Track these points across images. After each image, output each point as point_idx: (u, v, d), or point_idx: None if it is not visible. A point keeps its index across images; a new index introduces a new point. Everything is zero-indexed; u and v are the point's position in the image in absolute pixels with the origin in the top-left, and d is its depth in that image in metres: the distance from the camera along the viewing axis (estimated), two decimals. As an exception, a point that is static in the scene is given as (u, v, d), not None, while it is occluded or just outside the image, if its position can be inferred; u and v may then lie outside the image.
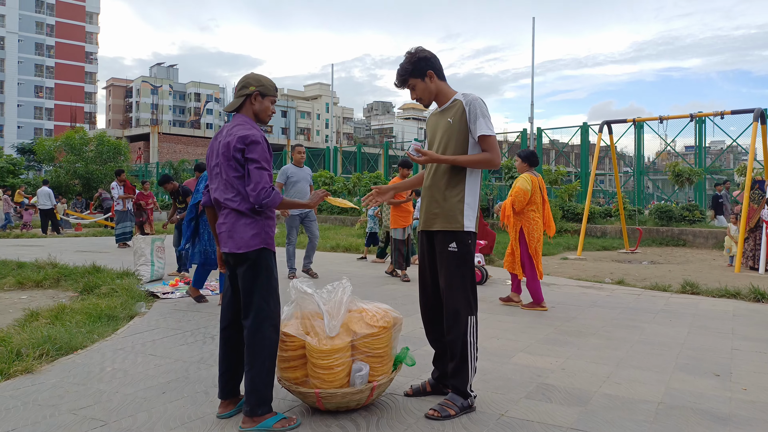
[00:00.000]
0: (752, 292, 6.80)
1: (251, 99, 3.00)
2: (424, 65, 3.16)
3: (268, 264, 2.94)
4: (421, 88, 3.19)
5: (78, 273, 7.55)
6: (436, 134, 3.24)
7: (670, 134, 44.14)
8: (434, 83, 3.20)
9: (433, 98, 3.24)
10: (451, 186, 3.13)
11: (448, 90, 3.24)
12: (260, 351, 2.83)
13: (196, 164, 8.73)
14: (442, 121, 3.20)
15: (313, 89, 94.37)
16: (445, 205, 3.12)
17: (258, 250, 2.90)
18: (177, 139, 57.01)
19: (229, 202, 2.90)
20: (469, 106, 3.10)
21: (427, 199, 3.23)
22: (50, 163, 30.97)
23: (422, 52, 3.20)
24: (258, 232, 2.90)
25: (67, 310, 5.31)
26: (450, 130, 3.14)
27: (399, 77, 3.23)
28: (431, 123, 3.34)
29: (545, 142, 22.36)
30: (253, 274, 2.89)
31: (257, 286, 2.88)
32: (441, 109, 3.25)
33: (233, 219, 2.91)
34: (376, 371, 3.03)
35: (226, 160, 2.89)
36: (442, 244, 3.12)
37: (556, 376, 3.74)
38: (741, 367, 4.02)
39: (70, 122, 65.59)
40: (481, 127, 3.08)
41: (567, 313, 5.92)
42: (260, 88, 3.00)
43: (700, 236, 13.97)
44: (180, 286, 7.09)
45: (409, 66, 3.18)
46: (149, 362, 3.99)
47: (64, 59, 78.38)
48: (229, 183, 2.89)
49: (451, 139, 3.13)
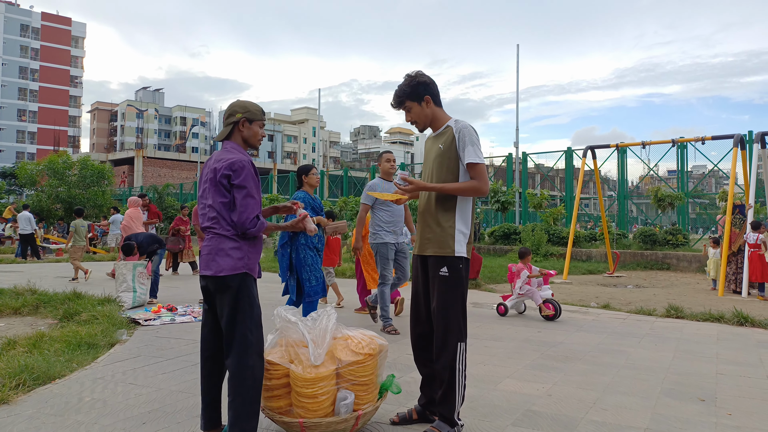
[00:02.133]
0: (735, 315, 6.85)
1: (239, 126, 3.00)
2: (422, 90, 3.23)
3: (250, 291, 2.87)
4: (416, 111, 3.25)
5: (58, 299, 7.40)
6: (428, 159, 3.32)
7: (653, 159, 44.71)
8: (430, 108, 3.26)
9: (428, 123, 3.30)
10: (443, 212, 3.16)
11: (443, 116, 3.30)
12: (244, 381, 2.76)
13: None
14: (435, 147, 3.27)
15: (300, 113, 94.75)
16: (437, 230, 3.15)
17: (240, 275, 2.83)
18: (162, 163, 56.84)
19: (215, 226, 2.87)
20: (459, 134, 3.14)
21: (421, 225, 3.27)
22: (32, 188, 30.62)
23: (422, 77, 3.26)
24: (242, 256, 2.86)
25: (45, 338, 5.19)
26: (441, 156, 3.19)
27: (396, 98, 3.29)
28: (426, 147, 3.42)
29: (530, 167, 22.56)
30: (234, 302, 2.81)
31: (239, 314, 2.80)
32: (435, 134, 3.32)
33: (216, 242, 2.86)
34: (362, 399, 2.98)
35: (213, 185, 2.87)
36: (434, 268, 3.14)
37: (543, 403, 3.71)
38: (726, 391, 4.02)
39: (53, 146, 65.21)
40: (470, 155, 3.11)
41: (553, 337, 5.91)
42: (246, 114, 2.99)
43: (683, 260, 14.10)
44: (162, 313, 6.99)
45: (407, 88, 3.24)
46: (129, 392, 3.90)
47: (48, 83, 78.13)
48: (214, 208, 2.87)
49: (442, 165, 3.18)
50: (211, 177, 2.88)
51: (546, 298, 7.03)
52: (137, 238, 8.34)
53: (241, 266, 2.84)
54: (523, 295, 7.19)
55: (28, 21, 77.59)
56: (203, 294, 2.98)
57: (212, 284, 2.87)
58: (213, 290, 2.88)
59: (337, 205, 22.25)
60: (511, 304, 7.32)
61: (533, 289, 7.10)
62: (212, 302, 2.94)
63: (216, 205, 2.86)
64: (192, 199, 32.20)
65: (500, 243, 17.67)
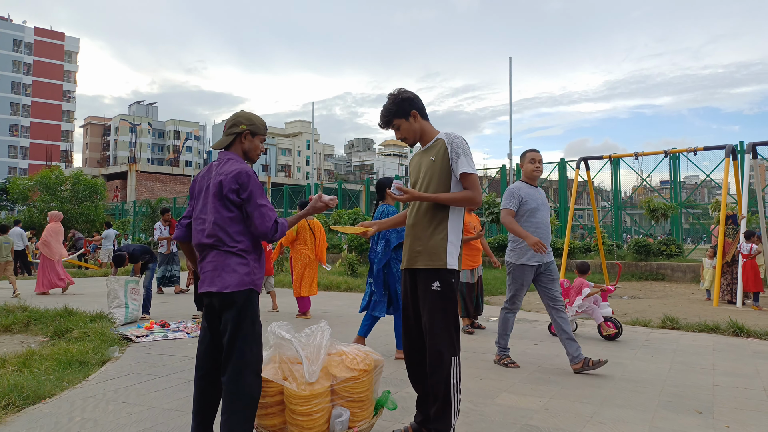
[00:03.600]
0: (731, 326, 6.85)
1: (241, 137, 2.95)
2: (408, 106, 3.23)
3: (254, 308, 2.81)
4: (405, 128, 3.24)
5: (49, 316, 7.31)
6: (419, 172, 3.28)
7: (646, 170, 45.11)
8: (418, 123, 3.25)
9: (417, 137, 3.28)
10: (435, 224, 3.13)
11: (431, 129, 3.29)
12: (240, 398, 2.70)
13: None
14: (425, 159, 3.24)
15: (294, 126, 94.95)
16: (428, 242, 3.11)
17: (247, 291, 2.77)
18: (155, 177, 56.73)
19: (218, 243, 2.78)
20: (451, 145, 3.14)
21: (410, 237, 3.21)
22: (24, 203, 30.44)
23: (405, 93, 3.26)
24: (248, 272, 2.79)
25: (36, 356, 5.12)
26: (432, 168, 3.17)
27: (383, 118, 3.28)
28: (414, 162, 3.38)
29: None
30: (238, 319, 2.74)
31: (241, 331, 2.73)
32: (424, 148, 3.29)
33: (222, 258, 2.78)
34: (357, 416, 2.95)
35: (217, 199, 2.79)
36: (425, 282, 3.08)
37: (540, 417, 3.68)
38: (723, 403, 4.00)
39: (45, 161, 64.94)
40: (463, 166, 3.10)
41: (549, 350, 5.88)
42: (251, 127, 2.96)
43: (678, 270, 14.13)
44: (155, 329, 6.92)
45: (392, 107, 3.23)
46: (121, 410, 3.84)
47: (41, 98, 78.08)
48: (218, 224, 2.78)
49: (433, 177, 3.16)
50: (216, 191, 2.79)
51: (606, 315, 6.51)
52: (128, 249, 8.28)
53: (247, 282, 2.78)
54: (582, 312, 6.61)
55: (20, 36, 77.68)
56: (206, 311, 2.90)
57: (218, 301, 2.79)
58: (219, 307, 2.80)
59: (331, 218, 22.21)
60: None
61: (594, 306, 6.54)
62: (214, 319, 2.86)
63: (221, 220, 2.78)
64: (185, 213, 32.00)
65: (495, 255, 17.68)
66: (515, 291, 5.14)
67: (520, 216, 5.06)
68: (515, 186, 5.20)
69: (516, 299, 5.17)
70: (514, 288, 5.13)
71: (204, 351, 2.91)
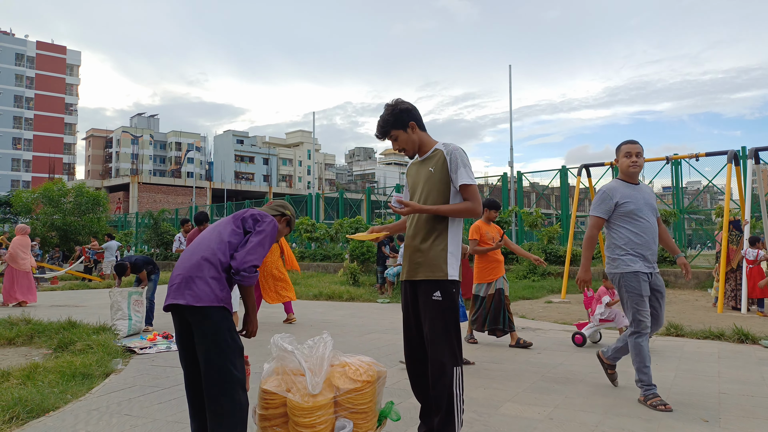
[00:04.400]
0: (736, 333, 6.81)
1: (281, 218, 3.18)
2: (406, 117, 3.20)
3: (230, 324, 2.77)
4: (403, 139, 3.22)
5: (52, 329, 7.30)
6: (417, 183, 3.26)
7: (648, 176, 44.76)
8: (416, 134, 3.24)
9: (416, 148, 3.27)
10: (434, 235, 3.11)
11: (428, 140, 3.28)
12: (231, 417, 2.66)
13: (195, 216, 8.44)
14: (424, 170, 3.22)
15: (294, 136, 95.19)
16: (429, 254, 3.09)
17: (219, 308, 2.74)
18: (157, 189, 56.81)
19: (208, 253, 2.79)
20: (450, 156, 3.13)
21: (410, 249, 3.20)
22: (27, 216, 30.53)
23: (403, 104, 3.24)
24: (223, 288, 2.77)
25: (39, 369, 5.11)
26: (432, 179, 3.16)
27: (380, 129, 3.26)
28: (412, 172, 3.36)
29: (525, 185, 22.63)
30: (213, 333, 2.69)
31: (219, 347, 2.69)
32: (422, 158, 3.28)
33: (196, 269, 2.75)
34: (361, 428, 2.93)
35: (232, 219, 2.93)
36: (426, 293, 3.08)
37: (545, 427, 3.66)
38: (729, 411, 3.98)
39: (48, 173, 65.16)
40: (463, 177, 3.10)
41: (553, 359, 5.86)
42: (292, 218, 3.25)
43: (681, 276, 14.07)
44: (158, 341, 6.91)
45: (390, 118, 3.20)
46: (124, 423, 3.83)
47: (43, 111, 78.43)
48: (219, 239, 2.84)
49: (432, 188, 3.15)
50: (233, 215, 2.96)
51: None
52: (131, 259, 8.28)
53: (223, 297, 2.77)
54: (605, 321, 6.56)
55: (23, 50, 78.15)
56: (177, 325, 2.84)
57: (189, 315, 2.74)
58: (191, 321, 2.75)
59: (333, 228, 22.21)
60: (589, 332, 6.61)
61: (618, 311, 6.46)
62: (187, 333, 2.80)
63: (225, 234, 2.86)
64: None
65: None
66: (635, 305, 4.14)
67: (615, 222, 4.26)
68: (609, 186, 4.31)
69: (640, 316, 4.14)
70: (633, 302, 4.15)
71: (187, 368, 2.89)
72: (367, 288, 13.94)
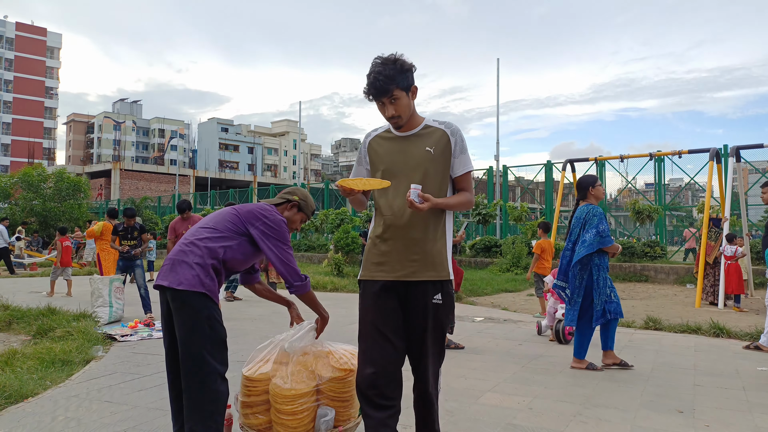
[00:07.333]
0: (712, 327, 6.94)
1: (288, 205, 3.08)
2: (411, 78, 2.63)
3: (210, 312, 2.64)
4: (404, 103, 2.60)
5: (31, 315, 7.22)
6: (403, 163, 2.65)
7: (631, 172, 45.60)
8: (413, 101, 2.68)
9: (408, 119, 2.67)
10: (440, 227, 2.67)
11: (416, 113, 2.72)
12: (204, 407, 2.58)
13: (178, 204, 8.32)
14: (415, 149, 2.65)
15: (280, 126, 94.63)
16: (431, 250, 2.61)
17: (200, 294, 2.63)
18: (139, 176, 56.20)
19: (198, 240, 2.75)
20: (456, 137, 2.67)
21: (402, 244, 2.60)
22: (5, 201, 30.07)
23: (407, 62, 2.62)
24: (207, 275, 2.68)
25: (18, 355, 5.06)
26: (430, 162, 2.63)
27: (383, 83, 2.54)
28: (393, 148, 2.70)
29: (511, 179, 22.75)
30: (192, 319, 2.60)
31: (197, 335, 2.59)
32: (408, 133, 2.68)
33: (183, 252, 2.71)
34: (342, 416, 2.96)
35: (236, 214, 2.86)
36: (424, 295, 2.59)
37: (524, 416, 3.71)
38: (704, 403, 4.06)
39: (27, 158, 64.13)
40: (466, 163, 2.70)
41: (534, 350, 5.93)
42: (302, 203, 3.11)
43: (661, 272, 14.28)
44: (140, 328, 6.87)
45: (394, 73, 2.55)
46: (104, 410, 3.81)
47: (22, 94, 76.97)
48: (216, 228, 2.80)
49: (429, 172, 2.62)
50: (238, 210, 2.88)
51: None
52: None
53: (206, 283, 2.67)
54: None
55: (2, 31, 76.53)
56: (163, 306, 2.78)
57: (170, 296, 2.66)
58: (172, 303, 2.66)
59: (318, 218, 22.17)
60: (545, 324, 6.75)
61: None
62: (170, 316, 2.73)
63: (221, 226, 2.81)
64: (171, 212, 31.84)
65: (481, 256, 17.75)
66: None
67: None
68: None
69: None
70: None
71: (169, 351, 2.83)
72: (351, 279, 13.94)
